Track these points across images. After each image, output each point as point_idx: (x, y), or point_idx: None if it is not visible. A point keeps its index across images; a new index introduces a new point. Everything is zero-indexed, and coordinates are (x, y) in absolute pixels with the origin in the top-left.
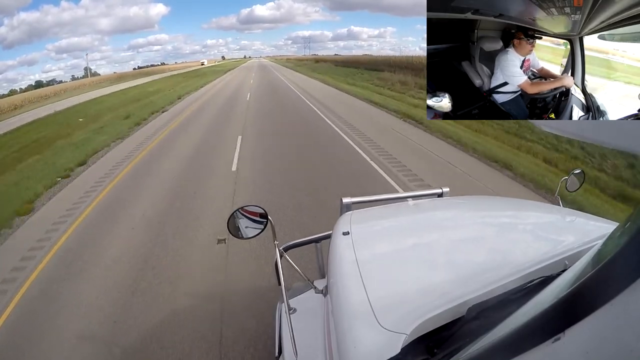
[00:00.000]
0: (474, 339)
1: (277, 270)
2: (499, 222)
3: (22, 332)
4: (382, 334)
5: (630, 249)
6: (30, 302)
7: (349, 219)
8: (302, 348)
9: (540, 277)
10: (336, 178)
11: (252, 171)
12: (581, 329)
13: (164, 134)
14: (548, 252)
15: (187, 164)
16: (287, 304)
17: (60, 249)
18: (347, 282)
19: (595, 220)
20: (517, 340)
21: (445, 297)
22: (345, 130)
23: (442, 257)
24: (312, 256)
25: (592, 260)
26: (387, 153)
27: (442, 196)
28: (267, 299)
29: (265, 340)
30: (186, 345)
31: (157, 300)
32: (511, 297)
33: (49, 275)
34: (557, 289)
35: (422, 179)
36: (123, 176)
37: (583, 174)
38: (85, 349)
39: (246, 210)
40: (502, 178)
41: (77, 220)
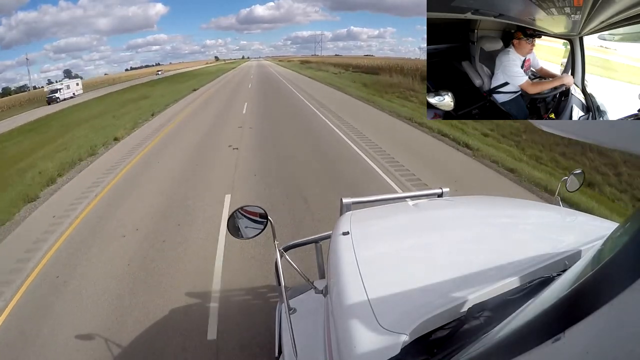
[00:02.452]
0: (474, 339)
1: (277, 271)
2: (498, 222)
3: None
4: (382, 334)
5: (630, 249)
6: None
7: (349, 219)
8: (302, 348)
9: (540, 277)
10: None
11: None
12: (581, 329)
13: None
14: (548, 252)
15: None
16: (287, 304)
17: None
18: (347, 282)
19: (595, 220)
20: (517, 340)
21: (445, 297)
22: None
23: (442, 257)
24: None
25: (592, 260)
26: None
27: (442, 196)
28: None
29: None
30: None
31: (209, 151)
32: (511, 297)
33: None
34: (557, 289)
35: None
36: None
37: (583, 174)
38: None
39: (246, 210)
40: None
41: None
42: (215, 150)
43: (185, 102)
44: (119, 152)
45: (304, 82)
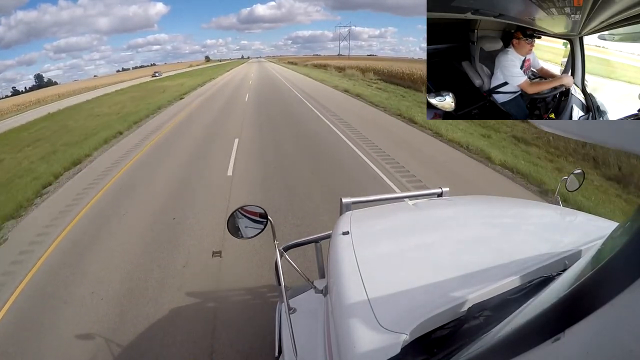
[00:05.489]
0: (474, 339)
1: (277, 270)
2: (498, 222)
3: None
4: (382, 334)
5: (630, 249)
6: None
7: (349, 219)
8: (302, 348)
9: (540, 277)
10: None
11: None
12: (581, 329)
13: None
14: (548, 252)
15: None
16: (287, 304)
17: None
18: (347, 282)
19: (595, 220)
20: (517, 340)
21: (445, 296)
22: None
23: (442, 257)
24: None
25: (592, 260)
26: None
27: (442, 196)
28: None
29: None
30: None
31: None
32: (511, 297)
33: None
34: (557, 289)
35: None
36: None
37: (583, 174)
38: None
39: (246, 210)
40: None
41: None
42: None
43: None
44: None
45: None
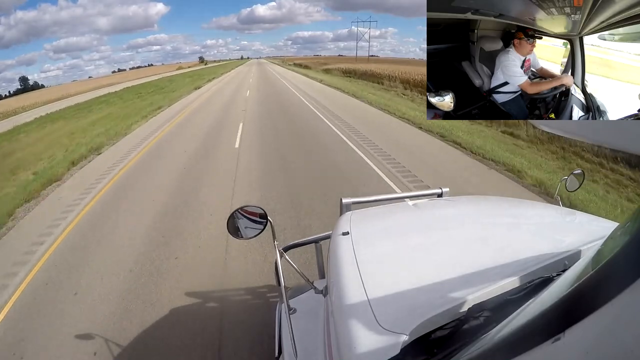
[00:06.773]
0: (474, 339)
1: (277, 271)
2: (498, 222)
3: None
4: (382, 334)
5: (630, 249)
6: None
7: (349, 219)
8: (302, 348)
9: (540, 277)
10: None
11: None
12: (581, 329)
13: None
14: (548, 252)
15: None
16: (287, 304)
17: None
18: (347, 282)
19: (595, 220)
20: (517, 340)
21: (445, 297)
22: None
23: (441, 257)
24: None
25: (592, 260)
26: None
27: (442, 196)
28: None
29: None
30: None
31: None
32: (511, 297)
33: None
34: (557, 289)
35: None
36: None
37: (583, 174)
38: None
39: (246, 210)
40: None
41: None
42: None
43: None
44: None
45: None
